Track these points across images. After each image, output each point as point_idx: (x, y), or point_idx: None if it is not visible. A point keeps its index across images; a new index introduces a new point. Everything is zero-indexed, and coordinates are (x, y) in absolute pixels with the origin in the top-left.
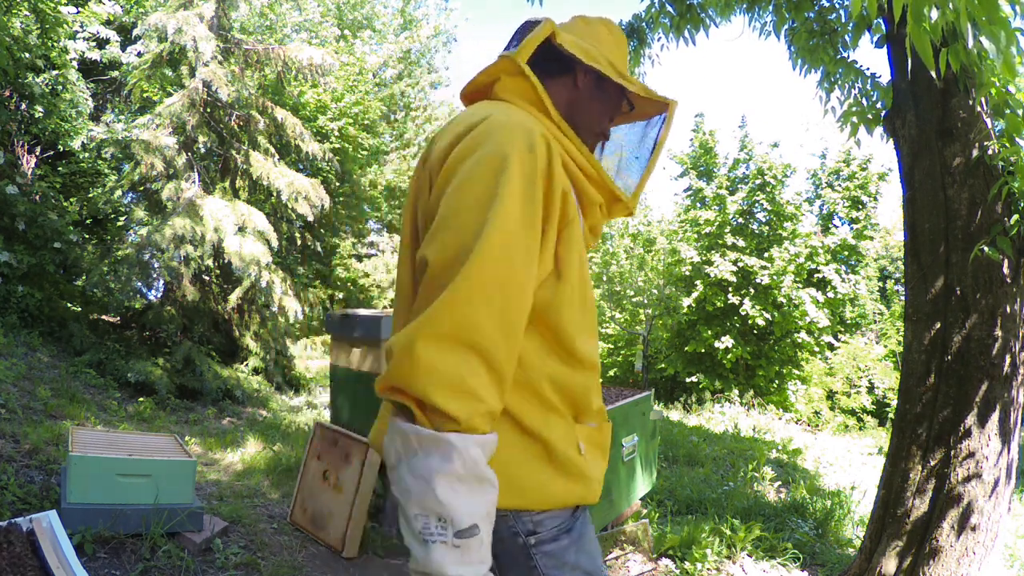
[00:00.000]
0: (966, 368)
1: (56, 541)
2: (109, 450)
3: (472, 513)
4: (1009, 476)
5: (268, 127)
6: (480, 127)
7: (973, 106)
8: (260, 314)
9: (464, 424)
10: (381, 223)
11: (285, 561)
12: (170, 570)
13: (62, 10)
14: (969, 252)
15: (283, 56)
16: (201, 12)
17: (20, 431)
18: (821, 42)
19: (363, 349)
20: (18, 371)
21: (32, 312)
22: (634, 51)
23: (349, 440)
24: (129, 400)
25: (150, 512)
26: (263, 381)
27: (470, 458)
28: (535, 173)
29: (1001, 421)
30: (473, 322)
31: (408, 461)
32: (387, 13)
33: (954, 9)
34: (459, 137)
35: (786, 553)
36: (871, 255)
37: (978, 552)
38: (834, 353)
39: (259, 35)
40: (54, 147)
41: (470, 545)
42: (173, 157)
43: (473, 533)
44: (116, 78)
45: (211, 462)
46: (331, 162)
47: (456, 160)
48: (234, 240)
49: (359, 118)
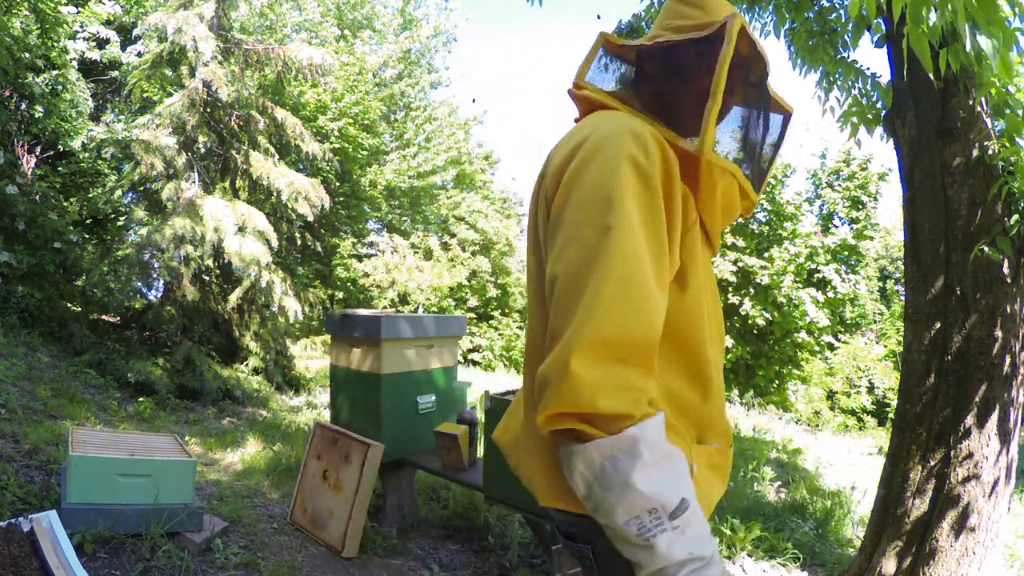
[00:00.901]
0: (966, 368)
1: (56, 541)
2: (109, 450)
3: (676, 488)
4: (1009, 476)
5: (268, 127)
6: (591, 139)
7: (973, 106)
8: (260, 314)
9: (638, 416)
10: (381, 223)
11: (285, 561)
12: (170, 570)
13: (62, 10)
14: (969, 252)
15: (283, 56)
16: (201, 12)
17: (20, 431)
18: (821, 42)
19: (363, 349)
20: (18, 371)
21: (32, 312)
22: None
23: (349, 440)
24: (129, 400)
25: (150, 512)
26: (263, 381)
27: (654, 442)
28: (652, 175)
29: (1001, 421)
30: (617, 327)
31: (599, 478)
32: (387, 13)
33: (952, 10)
34: (574, 150)
35: (786, 553)
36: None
37: (978, 552)
38: (834, 353)
39: (259, 35)
40: (54, 147)
41: (688, 520)
42: (173, 157)
43: (685, 507)
44: (116, 78)
45: (211, 462)
46: (331, 162)
47: (572, 175)
48: (234, 240)
49: (359, 118)
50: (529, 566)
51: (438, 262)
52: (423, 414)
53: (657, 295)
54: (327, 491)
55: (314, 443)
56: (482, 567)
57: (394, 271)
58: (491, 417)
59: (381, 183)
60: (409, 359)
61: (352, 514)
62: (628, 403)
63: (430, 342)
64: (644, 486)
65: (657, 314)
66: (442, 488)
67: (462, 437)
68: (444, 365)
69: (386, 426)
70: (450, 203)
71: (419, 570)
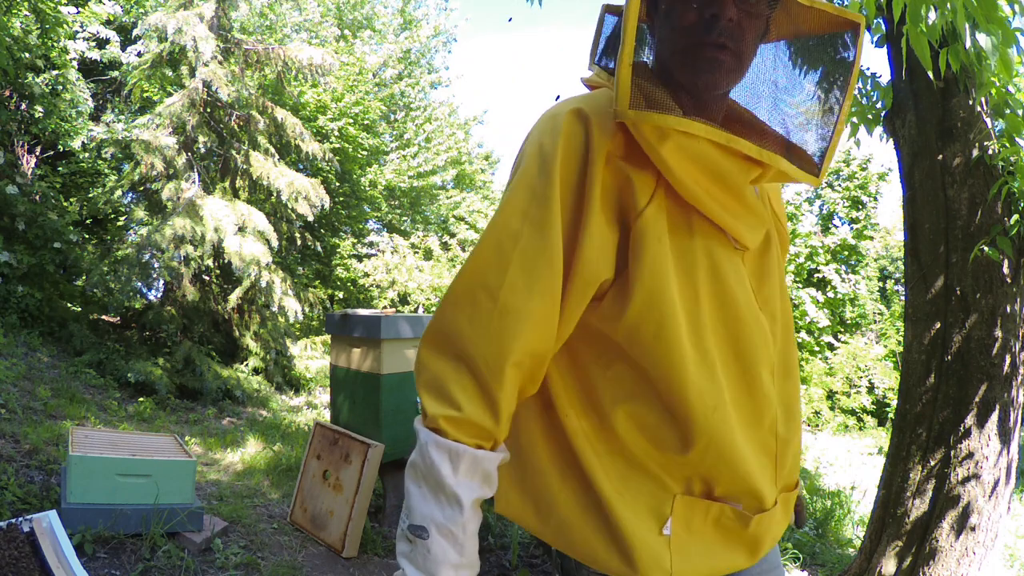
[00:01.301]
0: (966, 368)
1: (56, 541)
2: (109, 450)
3: (424, 516)
4: (1009, 476)
5: (268, 127)
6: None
7: (973, 106)
8: (260, 314)
9: (429, 421)
10: (381, 223)
11: (285, 561)
12: (170, 570)
13: (62, 10)
14: (969, 252)
15: (283, 56)
16: (201, 12)
17: (20, 431)
18: None
19: (363, 349)
20: (18, 371)
21: (32, 312)
22: None
23: (349, 440)
24: (129, 400)
25: (150, 512)
26: (263, 381)
27: (429, 458)
28: (551, 157)
29: (1001, 421)
30: (455, 328)
31: None
32: (387, 13)
33: (952, 9)
34: None
35: (786, 553)
36: (871, 255)
37: (978, 552)
38: (834, 353)
39: (259, 35)
40: (54, 147)
41: (418, 546)
42: (173, 157)
43: (421, 536)
44: (116, 78)
45: (211, 462)
46: (331, 162)
47: None
48: (234, 240)
49: (359, 118)
50: (529, 566)
51: (438, 262)
52: None
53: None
54: (327, 491)
55: (314, 443)
56: (482, 567)
57: (394, 271)
58: None
59: (381, 183)
60: (409, 359)
61: (352, 514)
62: (431, 404)
63: None
64: (408, 482)
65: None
66: None
67: None
68: None
69: (386, 426)
70: (450, 203)
71: None
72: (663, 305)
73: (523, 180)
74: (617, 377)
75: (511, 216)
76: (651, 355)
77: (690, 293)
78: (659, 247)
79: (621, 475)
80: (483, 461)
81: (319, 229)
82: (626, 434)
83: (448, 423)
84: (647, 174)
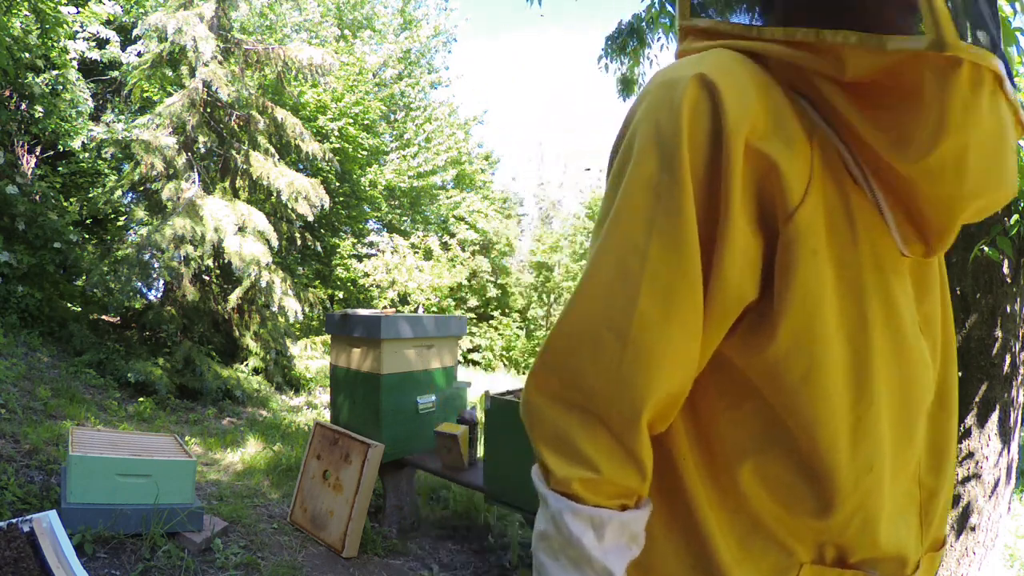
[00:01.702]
0: (966, 368)
1: (56, 541)
2: (109, 450)
3: None
4: (1009, 476)
5: (268, 127)
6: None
7: None
8: (260, 314)
9: (559, 484)
10: (381, 223)
11: (285, 561)
12: (170, 570)
13: (62, 10)
14: (969, 252)
15: (283, 56)
16: (201, 12)
17: (20, 431)
18: None
19: (363, 349)
20: (18, 371)
21: (32, 312)
22: (633, 51)
23: (349, 440)
24: (129, 400)
25: (150, 512)
26: (263, 381)
27: (566, 529)
28: (675, 142)
29: (1001, 421)
30: (576, 373)
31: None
32: (387, 13)
33: None
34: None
35: None
36: None
37: (978, 552)
38: None
39: (259, 35)
40: (54, 147)
41: None
42: (173, 157)
43: None
44: (116, 78)
45: (211, 462)
46: (331, 162)
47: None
48: (234, 240)
49: (359, 118)
50: (529, 566)
51: (438, 262)
52: (423, 414)
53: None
54: (327, 491)
55: (314, 443)
56: (482, 567)
57: (394, 271)
58: (491, 417)
59: (381, 183)
60: (409, 359)
61: (352, 514)
62: (557, 463)
63: (430, 342)
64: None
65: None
66: (442, 488)
67: (462, 437)
68: (444, 365)
69: (386, 426)
70: (450, 203)
71: (419, 570)
72: (817, 341)
73: (639, 178)
74: (745, 420)
75: (632, 228)
76: (794, 401)
77: (855, 321)
78: (814, 262)
79: (740, 538)
80: (631, 523)
81: (319, 229)
82: (750, 490)
83: (584, 487)
84: (799, 159)
